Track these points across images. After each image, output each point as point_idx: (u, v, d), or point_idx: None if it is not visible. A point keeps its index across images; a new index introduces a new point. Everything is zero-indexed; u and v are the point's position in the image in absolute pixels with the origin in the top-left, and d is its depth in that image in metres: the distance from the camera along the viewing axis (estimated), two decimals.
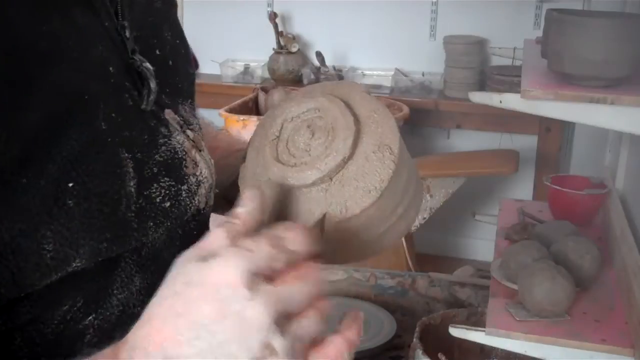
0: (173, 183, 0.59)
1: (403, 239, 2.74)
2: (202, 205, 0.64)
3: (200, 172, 0.64)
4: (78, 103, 0.51)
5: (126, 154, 0.55)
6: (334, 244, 0.52)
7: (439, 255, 3.38)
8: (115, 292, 0.56)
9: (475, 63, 3.13)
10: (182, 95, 0.68)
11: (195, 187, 0.62)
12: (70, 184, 0.49)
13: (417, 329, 1.49)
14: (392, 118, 0.56)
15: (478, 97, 1.31)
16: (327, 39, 3.39)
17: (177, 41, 0.70)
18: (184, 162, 0.62)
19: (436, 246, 3.39)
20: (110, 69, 0.56)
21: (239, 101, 2.90)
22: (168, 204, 0.58)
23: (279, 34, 3.33)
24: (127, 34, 0.59)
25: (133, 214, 0.55)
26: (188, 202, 0.61)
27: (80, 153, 0.50)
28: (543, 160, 3.02)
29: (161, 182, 0.58)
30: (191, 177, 0.62)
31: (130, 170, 0.55)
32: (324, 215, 0.51)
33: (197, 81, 0.79)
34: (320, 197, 0.52)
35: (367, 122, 0.55)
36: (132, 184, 0.55)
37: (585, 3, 2.39)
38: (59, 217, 0.49)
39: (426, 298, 1.92)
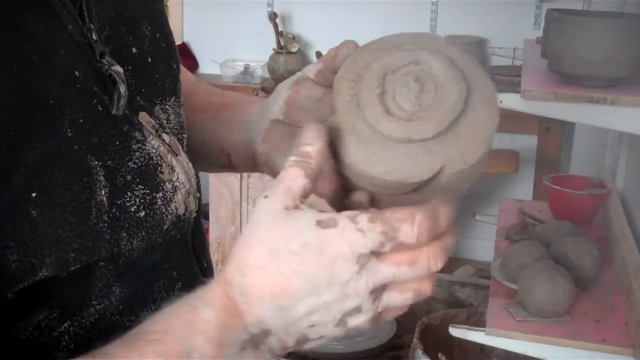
0: (148, 191, 0.58)
1: None
2: (180, 212, 0.63)
3: (177, 178, 0.62)
4: (41, 109, 0.49)
5: (96, 162, 0.53)
6: (442, 194, 0.54)
7: None
8: (93, 302, 0.55)
9: None
10: (161, 94, 0.66)
11: (171, 194, 0.61)
12: (34, 194, 0.48)
13: (417, 329, 1.49)
14: (485, 73, 0.58)
15: None
16: (327, 39, 3.38)
17: (157, 35, 0.67)
18: (159, 167, 0.60)
19: None
20: (77, 73, 0.54)
21: None
22: (143, 213, 0.57)
23: (279, 34, 3.33)
24: (94, 36, 0.57)
25: (105, 224, 0.53)
26: (164, 210, 0.60)
27: (44, 162, 0.49)
28: (543, 160, 3.02)
29: (135, 190, 0.57)
30: (167, 183, 0.61)
31: (101, 178, 0.53)
32: (442, 167, 0.52)
33: None
34: (438, 150, 0.52)
35: (471, 76, 0.56)
36: (103, 192, 0.53)
37: (585, 3, 2.39)
38: (22, 227, 0.48)
39: (426, 298, 1.93)
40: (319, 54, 3.25)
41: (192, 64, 3.50)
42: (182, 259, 0.65)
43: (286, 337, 0.52)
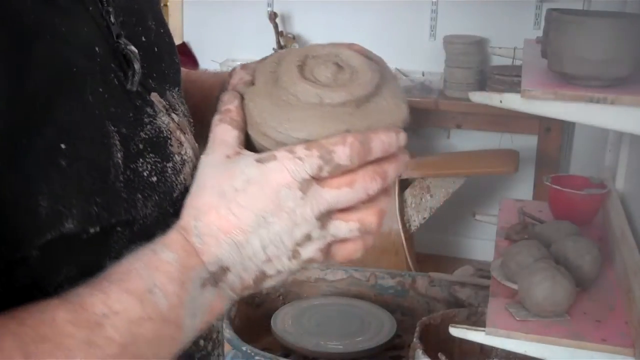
0: (159, 160, 0.62)
1: (403, 239, 2.74)
2: (189, 184, 0.65)
3: (185, 152, 0.66)
4: (67, 75, 0.54)
5: (112, 128, 0.57)
6: None
7: (439, 255, 3.37)
8: (108, 264, 0.58)
9: (475, 63, 3.13)
10: (168, 82, 0.70)
11: (180, 166, 0.65)
12: (63, 146, 0.52)
13: (417, 329, 1.49)
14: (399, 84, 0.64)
15: (478, 97, 1.31)
16: (327, 39, 3.36)
17: (161, 30, 0.71)
18: (169, 140, 0.64)
19: (436, 246, 3.39)
20: (97, 49, 0.58)
21: None
22: (155, 178, 0.61)
23: (279, 34, 3.33)
24: (112, 18, 0.61)
25: (122, 184, 0.57)
26: (174, 179, 0.63)
27: (71, 120, 0.53)
28: (543, 160, 3.02)
29: (147, 157, 0.61)
30: (176, 155, 0.64)
31: (117, 143, 0.57)
32: (347, 131, 0.57)
33: None
34: (346, 119, 0.57)
35: (385, 75, 0.62)
36: (119, 155, 0.57)
37: (585, 3, 2.39)
38: (53, 176, 0.52)
39: (426, 298, 1.92)
40: None
41: (192, 64, 3.51)
42: None
43: (245, 274, 0.56)
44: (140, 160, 0.60)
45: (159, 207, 0.61)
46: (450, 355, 1.41)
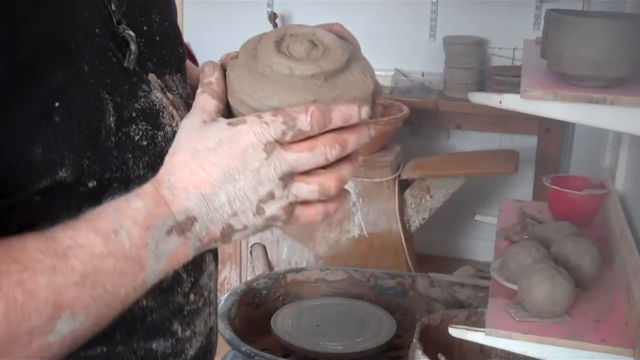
0: (150, 128, 0.69)
1: (403, 240, 2.74)
2: None
3: (176, 124, 0.72)
4: (63, 49, 0.61)
5: (107, 95, 0.64)
6: None
7: (439, 255, 3.38)
8: None
9: (475, 63, 3.13)
10: (169, 67, 0.77)
11: (171, 135, 0.71)
12: (57, 104, 0.60)
13: (417, 329, 1.49)
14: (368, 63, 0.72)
15: (478, 98, 1.31)
16: None
17: (166, 23, 0.78)
18: (161, 113, 0.71)
19: (436, 246, 3.39)
20: (97, 30, 0.65)
21: None
22: (145, 142, 0.68)
23: None
24: (113, 7, 0.69)
25: (113, 144, 0.65)
26: (164, 146, 0.70)
27: (65, 83, 0.61)
28: (543, 160, 3.02)
29: (139, 125, 0.68)
30: (167, 126, 0.71)
31: (110, 109, 0.65)
32: (315, 101, 0.63)
33: None
34: (315, 90, 0.63)
35: (356, 53, 0.69)
36: (111, 119, 0.65)
37: (585, 3, 2.39)
38: (46, 128, 0.59)
39: (426, 298, 1.93)
40: None
41: (192, 64, 3.51)
42: None
43: (212, 226, 0.61)
44: (133, 126, 0.67)
45: (151, 170, 0.67)
46: (449, 355, 1.41)
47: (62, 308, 0.56)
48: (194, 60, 3.54)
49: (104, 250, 0.57)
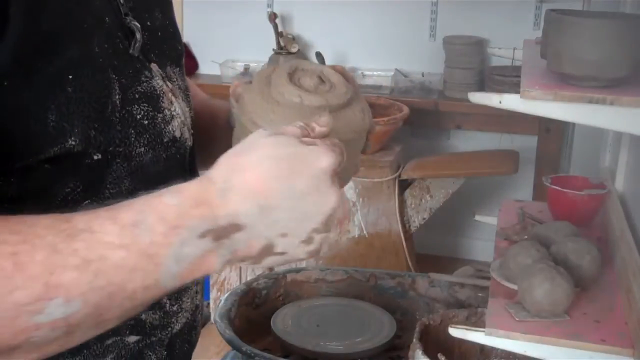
0: (151, 109, 0.73)
1: (403, 240, 2.74)
2: (177, 135, 0.78)
3: (175, 109, 0.77)
4: (78, 27, 0.65)
5: (114, 76, 0.68)
6: None
7: (439, 255, 3.38)
8: (108, 186, 0.69)
9: (475, 63, 3.13)
10: (169, 60, 0.82)
11: (169, 118, 0.76)
12: (70, 76, 0.63)
13: (417, 329, 1.49)
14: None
15: (478, 98, 1.31)
16: (327, 39, 3.39)
17: (167, 22, 0.83)
18: (161, 98, 0.75)
19: (436, 246, 3.39)
20: (106, 19, 0.70)
21: None
22: (146, 122, 0.72)
23: (278, 34, 3.33)
24: (122, 0, 0.73)
25: (117, 119, 0.68)
26: (163, 127, 0.75)
27: (78, 59, 0.64)
28: (543, 160, 3.02)
29: (141, 105, 0.72)
30: (166, 110, 0.76)
31: (116, 87, 0.68)
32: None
33: (197, 82, 0.83)
34: None
35: (357, 93, 0.78)
36: (117, 97, 0.68)
37: (585, 3, 2.39)
38: (60, 97, 0.62)
39: (426, 298, 1.92)
40: (318, 54, 3.24)
41: (192, 64, 3.50)
42: (181, 173, 0.78)
43: (254, 240, 0.58)
44: (135, 106, 0.71)
45: (152, 149, 0.73)
46: (449, 355, 1.41)
47: (54, 289, 0.53)
48: (194, 60, 3.54)
49: (116, 241, 0.55)
